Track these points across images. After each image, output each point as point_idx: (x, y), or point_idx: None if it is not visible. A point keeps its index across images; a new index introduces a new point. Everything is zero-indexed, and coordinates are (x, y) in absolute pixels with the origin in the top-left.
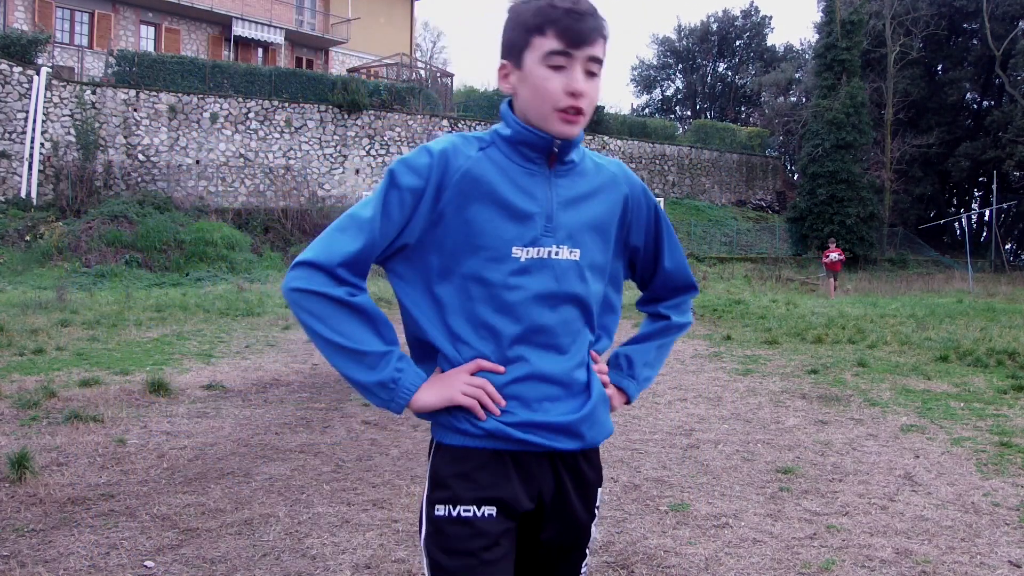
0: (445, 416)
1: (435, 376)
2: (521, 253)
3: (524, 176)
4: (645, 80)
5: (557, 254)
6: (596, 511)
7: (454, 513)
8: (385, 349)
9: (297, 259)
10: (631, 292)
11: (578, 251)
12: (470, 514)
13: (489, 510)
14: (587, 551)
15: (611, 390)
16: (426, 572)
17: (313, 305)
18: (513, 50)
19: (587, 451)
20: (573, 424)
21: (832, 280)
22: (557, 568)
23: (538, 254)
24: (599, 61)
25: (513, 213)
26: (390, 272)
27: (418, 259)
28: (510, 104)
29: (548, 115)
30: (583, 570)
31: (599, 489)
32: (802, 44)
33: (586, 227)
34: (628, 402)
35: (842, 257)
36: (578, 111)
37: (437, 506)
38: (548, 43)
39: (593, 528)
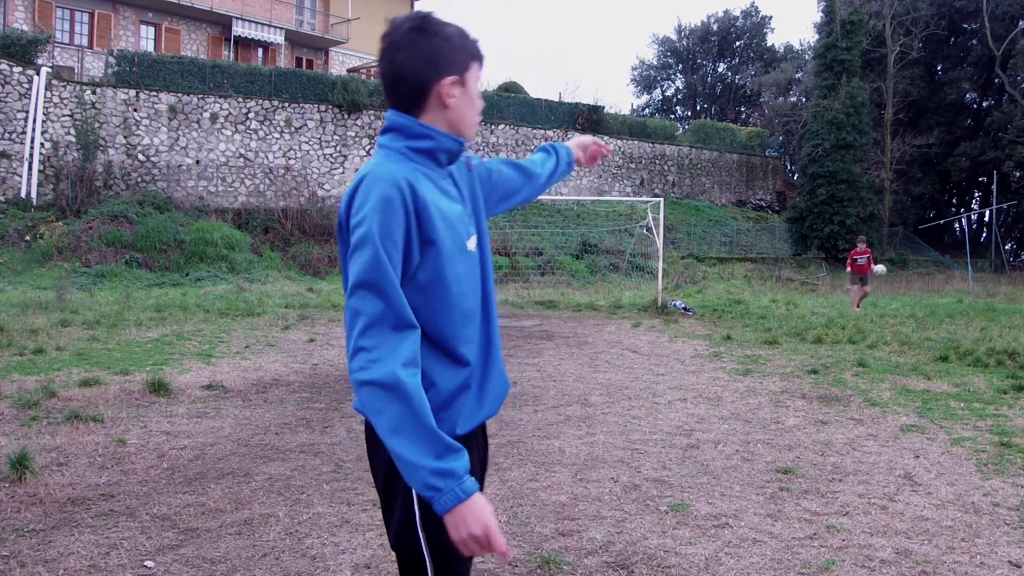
0: None
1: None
2: (470, 243)
3: (439, 177)
4: (645, 80)
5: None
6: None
7: None
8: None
9: (357, 350)
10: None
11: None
12: None
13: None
14: None
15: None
16: (424, 547)
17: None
18: (457, 67)
19: None
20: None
21: (857, 286)
22: None
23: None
24: None
25: (454, 207)
26: None
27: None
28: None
29: (469, 129)
30: None
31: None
32: (802, 44)
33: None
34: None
35: (869, 261)
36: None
37: None
38: (477, 73)
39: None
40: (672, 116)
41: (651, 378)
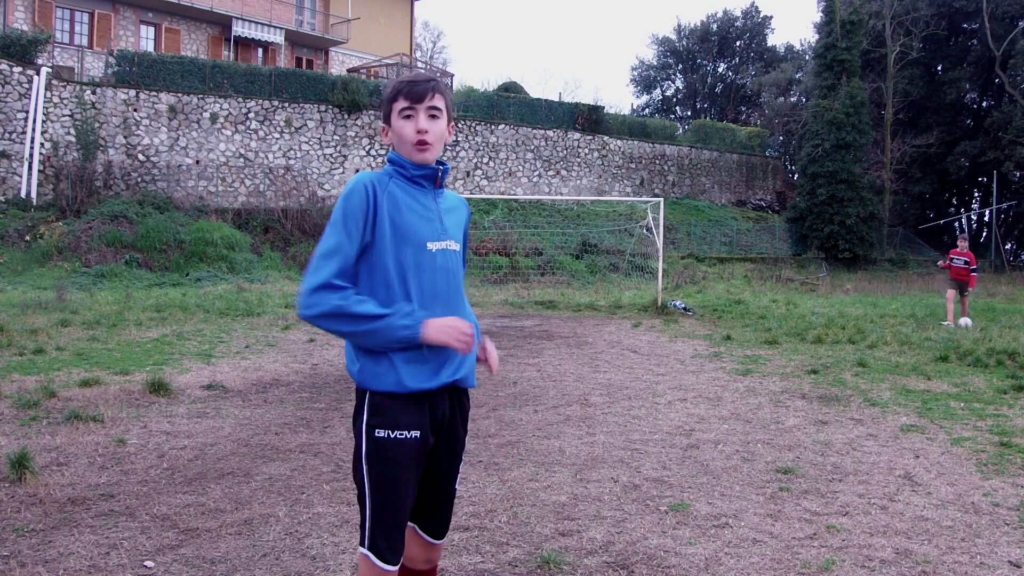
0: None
1: (431, 322)
2: (432, 245)
3: (420, 194)
4: (645, 80)
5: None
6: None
7: (392, 435)
8: (391, 310)
9: (302, 289)
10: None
11: (457, 244)
12: (403, 436)
13: (415, 433)
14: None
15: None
16: (365, 478)
17: (330, 317)
18: (385, 117)
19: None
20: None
21: (954, 292)
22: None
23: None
24: (438, 108)
25: (422, 217)
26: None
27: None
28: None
29: (409, 149)
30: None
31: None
32: (802, 44)
33: (457, 229)
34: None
35: (971, 263)
36: (426, 143)
37: (377, 430)
38: (400, 104)
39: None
40: (672, 116)
41: (651, 378)
